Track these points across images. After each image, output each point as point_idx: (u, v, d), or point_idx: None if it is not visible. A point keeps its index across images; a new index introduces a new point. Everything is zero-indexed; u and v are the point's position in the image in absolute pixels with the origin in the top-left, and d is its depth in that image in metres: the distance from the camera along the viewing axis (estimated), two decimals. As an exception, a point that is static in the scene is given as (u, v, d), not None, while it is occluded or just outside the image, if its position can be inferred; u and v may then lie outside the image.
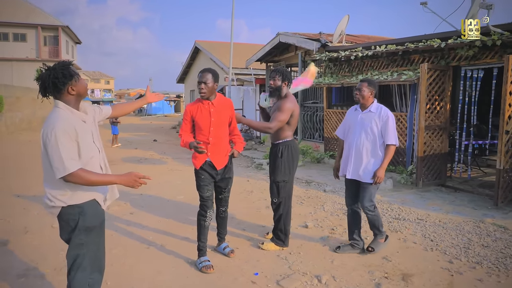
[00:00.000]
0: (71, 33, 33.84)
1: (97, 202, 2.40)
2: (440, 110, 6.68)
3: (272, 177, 4.01)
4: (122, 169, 8.75)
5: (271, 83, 4.01)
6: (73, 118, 2.23)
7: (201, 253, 3.63)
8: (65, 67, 2.27)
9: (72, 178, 2.14)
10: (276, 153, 3.98)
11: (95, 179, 2.21)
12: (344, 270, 3.52)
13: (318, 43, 9.58)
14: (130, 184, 2.33)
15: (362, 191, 3.79)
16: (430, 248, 4.02)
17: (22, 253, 3.82)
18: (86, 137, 2.27)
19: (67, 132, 2.15)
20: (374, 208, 3.80)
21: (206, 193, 3.61)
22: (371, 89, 3.75)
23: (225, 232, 3.97)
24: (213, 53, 19.16)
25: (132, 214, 5.22)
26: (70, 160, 2.13)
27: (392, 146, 3.71)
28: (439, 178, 6.79)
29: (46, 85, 2.23)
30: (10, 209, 5.36)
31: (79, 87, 2.29)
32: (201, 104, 3.55)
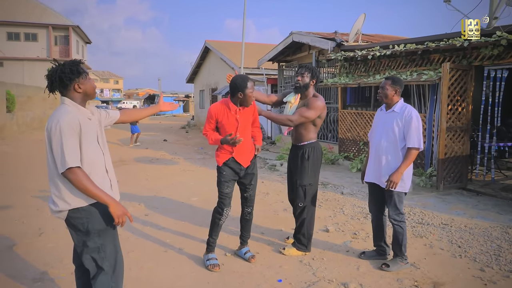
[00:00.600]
0: (81, 33, 34.04)
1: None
2: (462, 111, 6.49)
3: (299, 181, 3.82)
4: (134, 169, 8.69)
5: (299, 79, 3.80)
6: (79, 113, 2.19)
7: (210, 248, 3.59)
8: (74, 64, 2.24)
9: (71, 174, 2.06)
10: (302, 156, 3.82)
11: (89, 187, 2.09)
12: (371, 277, 3.37)
13: (333, 42, 9.41)
14: (116, 214, 2.18)
15: (386, 198, 3.57)
16: (459, 255, 3.85)
17: (38, 256, 3.73)
18: (89, 135, 2.21)
19: (71, 126, 2.10)
20: (401, 217, 3.51)
21: (226, 190, 3.53)
22: (395, 87, 3.50)
23: (248, 235, 3.84)
24: (224, 52, 19.05)
25: (147, 215, 5.11)
26: (71, 154, 2.07)
27: (414, 150, 3.37)
28: (460, 181, 6.60)
29: (53, 79, 2.20)
30: (24, 209, 5.28)
31: (86, 86, 2.25)
32: (228, 111, 3.43)
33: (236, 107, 3.43)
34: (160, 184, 7.04)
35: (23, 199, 5.83)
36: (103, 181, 2.30)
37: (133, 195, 6.19)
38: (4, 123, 14.14)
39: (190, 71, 26.41)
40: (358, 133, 8.56)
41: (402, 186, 3.44)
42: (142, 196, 6.16)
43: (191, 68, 26.15)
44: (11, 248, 3.94)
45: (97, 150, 2.28)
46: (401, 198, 3.50)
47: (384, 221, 3.74)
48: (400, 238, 3.51)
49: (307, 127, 3.80)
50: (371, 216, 3.82)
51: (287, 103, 3.94)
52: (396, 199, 3.47)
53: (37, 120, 18.09)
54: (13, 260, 3.66)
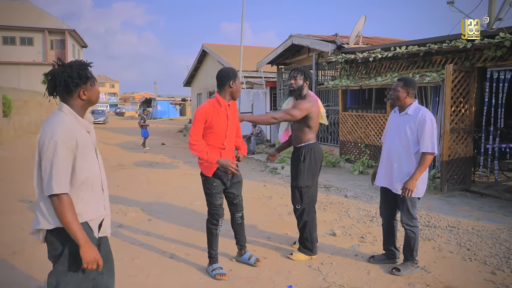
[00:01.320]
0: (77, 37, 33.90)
1: (89, 227, 2.05)
2: (465, 113, 6.47)
3: (295, 183, 3.79)
4: (134, 174, 8.60)
5: (292, 82, 3.79)
6: (77, 127, 1.97)
7: (213, 260, 3.46)
8: (83, 67, 2.02)
9: (55, 200, 1.86)
10: (298, 157, 3.77)
11: (68, 219, 1.87)
12: (382, 282, 3.31)
13: (333, 44, 9.38)
14: (86, 259, 1.90)
15: (399, 202, 3.49)
16: (469, 258, 3.80)
17: (40, 264, 3.62)
18: (87, 150, 2.00)
19: (67, 144, 1.88)
20: (414, 222, 3.44)
21: (218, 201, 3.40)
22: (407, 89, 3.38)
23: (244, 239, 3.73)
24: (221, 56, 19.02)
25: (150, 221, 5.03)
26: (60, 179, 1.86)
27: (429, 155, 3.25)
28: (463, 183, 6.57)
29: (57, 82, 1.97)
30: (24, 216, 5.19)
31: (92, 93, 2.05)
32: (218, 107, 3.31)
33: (226, 102, 3.35)
34: (161, 189, 6.96)
35: (22, 205, 5.74)
36: (99, 200, 2.13)
37: (134, 200, 6.11)
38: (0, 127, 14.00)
39: (187, 74, 26.37)
40: (359, 136, 8.53)
41: (416, 192, 3.35)
42: (144, 201, 6.07)
43: (188, 71, 26.11)
44: (12, 255, 3.86)
45: (94, 164, 2.09)
46: (414, 203, 3.43)
47: (395, 225, 3.68)
48: (412, 243, 3.45)
49: (301, 129, 3.77)
50: (382, 220, 3.76)
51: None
52: (409, 204, 3.40)
53: (34, 124, 17.94)
54: (14, 268, 3.57)
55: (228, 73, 3.33)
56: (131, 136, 19.29)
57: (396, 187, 3.42)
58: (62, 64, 2.01)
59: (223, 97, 3.35)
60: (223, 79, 3.33)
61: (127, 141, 16.50)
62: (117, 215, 5.20)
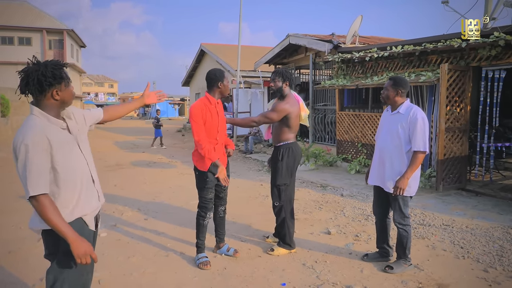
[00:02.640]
0: (75, 37, 33.88)
1: (84, 222, 2.08)
2: (460, 112, 6.50)
3: (273, 181, 3.94)
4: (132, 173, 8.62)
5: (272, 85, 3.98)
6: (49, 127, 1.95)
7: (199, 250, 3.66)
8: (58, 67, 1.98)
9: (34, 202, 1.87)
10: (277, 156, 3.90)
11: (52, 217, 1.87)
12: (375, 280, 3.34)
13: (330, 44, 9.41)
14: (77, 253, 1.91)
15: (391, 201, 3.52)
16: (462, 256, 3.84)
17: (37, 262, 3.66)
18: (64, 147, 1.98)
19: (38, 145, 1.87)
20: (407, 221, 3.47)
21: (209, 195, 3.60)
22: (397, 88, 3.41)
23: (224, 232, 3.93)
24: (220, 55, 19.05)
25: (147, 220, 5.06)
26: (35, 181, 1.85)
27: (421, 154, 3.28)
28: (459, 182, 6.60)
29: (29, 80, 1.93)
30: (22, 215, 5.20)
31: (65, 94, 2.01)
32: (209, 104, 3.54)
33: (216, 100, 3.58)
34: (158, 188, 6.99)
35: (20, 205, 5.75)
36: (91, 193, 2.14)
37: (131, 199, 6.13)
38: (-2, 127, 14.01)
39: (186, 74, 26.40)
40: (356, 135, 8.56)
41: (408, 190, 3.38)
42: (141, 200, 6.10)
43: (187, 71, 26.14)
44: (10, 254, 3.88)
45: (79, 160, 2.07)
46: (406, 202, 3.45)
47: (388, 224, 3.71)
48: (404, 241, 3.48)
49: (281, 129, 3.90)
50: (375, 218, 3.79)
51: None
52: (401, 203, 3.43)
53: (32, 124, 17.95)
54: (12, 266, 3.60)
55: (215, 74, 3.55)
56: (130, 136, 19.32)
57: (388, 185, 3.45)
58: (37, 62, 1.98)
59: (212, 96, 3.58)
60: (212, 80, 3.55)
61: (125, 141, 16.51)
62: (114, 214, 5.22)
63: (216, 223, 3.88)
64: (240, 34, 12.58)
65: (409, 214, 3.56)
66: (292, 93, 3.99)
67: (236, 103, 12.91)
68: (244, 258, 3.81)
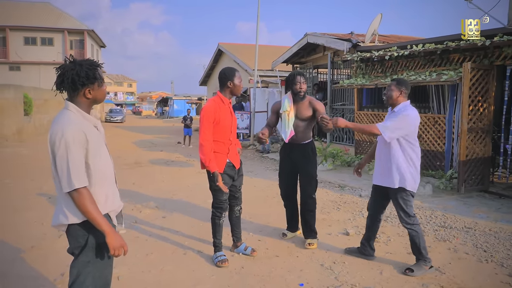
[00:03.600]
0: (96, 37, 34.48)
1: (109, 217, 2.13)
2: (483, 112, 6.34)
3: (312, 174, 4.08)
4: (150, 171, 8.71)
5: (301, 88, 3.98)
6: (85, 123, 2.01)
7: (217, 249, 3.68)
8: (92, 67, 2.03)
9: (76, 195, 1.91)
10: (311, 151, 4.11)
11: (91, 210, 1.93)
12: (395, 282, 3.28)
13: (349, 43, 9.32)
14: (113, 245, 1.99)
15: (393, 202, 3.55)
16: (485, 260, 3.73)
17: (57, 258, 3.72)
18: (97, 144, 2.04)
19: (77, 140, 1.93)
20: (413, 220, 3.44)
21: (224, 196, 3.61)
22: (400, 88, 3.46)
23: (240, 231, 3.93)
24: (237, 55, 19.10)
25: (165, 218, 5.10)
26: (78, 174, 1.91)
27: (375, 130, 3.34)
28: (481, 184, 6.44)
29: (64, 78, 2.00)
30: (43, 211, 5.31)
31: (97, 93, 2.07)
32: (222, 104, 3.54)
33: (228, 99, 3.59)
34: (176, 186, 7.04)
35: (42, 201, 5.88)
36: (115, 192, 2.19)
37: (149, 197, 6.20)
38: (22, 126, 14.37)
39: (203, 73, 26.57)
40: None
41: (402, 182, 3.40)
42: (159, 198, 6.15)
43: (204, 70, 26.31)
44: (32, 249, 3.96)
45: (106, 158, 2.14)
46: (407, 201, 3.44)
47: (376, 224, 3.75)
48: (417, 241, 3.44)
49: (309, 127, 4.11)
50: (368, 213, 3.82)
51: (283, 113, 4.05)
52: (402, 202, 3.44)
53: (54, 123, 18.37)
54: (34, 261, 3.67)
55: (225, 73, 3.56)
56: (148, 134, 19.55)
57: (384, 181, 3.53)
58: (73, 61, 2.03)
59: (224, 95, 3.57)
60: (222, 79, 3.56)
61: (143, 140, 16.72)
62: (132, 211, 5.28)
63: (232, 223, 3.87)
64: (257, 33, 12.58)
65: (415, 213, 3.52)
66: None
67: (253, 102, 12.92)
68: (262, 257, 3.80)
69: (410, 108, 3.45)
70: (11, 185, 7.03)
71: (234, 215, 3.84)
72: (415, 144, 3.46)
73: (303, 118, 4.00)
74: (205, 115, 3.45)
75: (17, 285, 3.21)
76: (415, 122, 3.43)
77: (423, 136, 7.26)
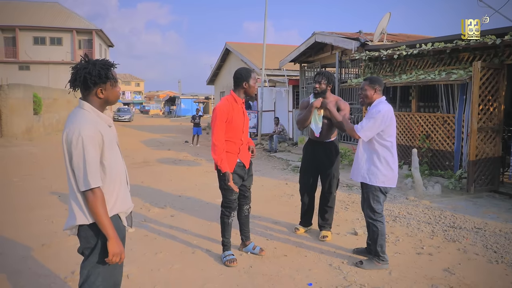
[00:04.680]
0: (104, 37, 34.70)
1: (119, 218, 2.14)
2: (494, 112, 6.28)
3: (335, 173, 4.24)
4: (158, 170, 8.75)
5: (317, 86, 4.12)
6: (100, 122, 2.02)
7: (226, 248, 3.69)
8: (105, 67, 2.03)
9: (91, 194, 1.92)
10: (334, 150, 4.24)
11: (100, 212, 1.94)
12: (404, 283, 3.27)
13: (357, 42, 9.27)
14: (113, 251, 1.98)
15: (362, 193, 3.65)
16: (495, 261, 3.70)
17: (68, 256, 3.77)
18: (111, 145, 2.06)
19: (94, 139, 1.94)
20: (376, 216, 3.48)
21: (233, 196, 3.62)
22: (374, 86, 3.51)
23: (249, 230, 3.93)
24: (244, 54, 19.10)
25: (173, 216, 5.12)
26: (94, 173, 1.93)
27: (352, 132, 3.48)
28: (491, 184, 6.38)
29: (77, 76, 2.01)
30: (53, 209, 5.38)
31: (110, 93, 2.07)
32: (235, 104, 3.55)
33: (241, 99, 3.59)
34: (184, 185, 7.07)
35: (51, 200, 5.94)
36: (126, 193, 2.19)
37: (158, 196, 6.23)
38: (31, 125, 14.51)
39: (211, 73, 26.60)
40: (383, 134, 8.39)
41: (372, 178, 3.45)
42: (167, 197, 6.19)
43: (212, 70, 26.34)
44: (43, 247, 4.01)
45: (119, 159, 2.15)
46: (375, 196, 3.49)
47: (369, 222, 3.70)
48: (375, 237, 3.50)
49: (333, 125, 4.13)
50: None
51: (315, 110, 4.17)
52: (370, 196, 3.50)
53: (62, 122, 18.52)
54: (44, 258, 3.71)
55: (241, 74, 3.56)
56: (156, 133, 19.64)
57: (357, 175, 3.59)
58: (87, 60, 2.04)
59: (238, 95, 3.58)
60: (237, 79, 3.57)
61: (151, 139, 16.80)
62: (141, 210, 5.32)
63: (241, 222, 3.89)
64: (265, 32, 12.58)
65: (382, 210, 3.55)
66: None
67: (261, 101, 12.92)
68: (270, 257, 3.80)
69: (382, 104, 3.48)
70: (21, 184, 7.11)
71: (243, 214, 3.86)
72: (388, 139, 3.45)
73: (328, 116, 4.09)
74: (219, 114, 3.45)
75: (29, 282, 3.25)
76: (387, 118, 3.40)
77: (432, 135, 7.22)
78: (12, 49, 30.68)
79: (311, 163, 4.31)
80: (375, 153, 3.46)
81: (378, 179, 3.45)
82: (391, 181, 3.49)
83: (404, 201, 5.82)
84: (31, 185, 7.02)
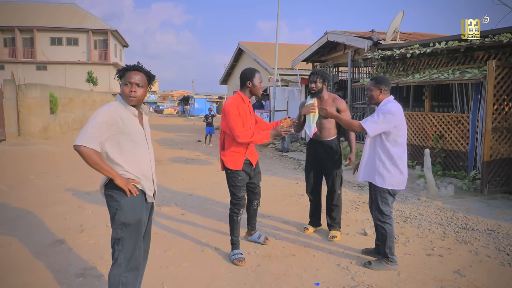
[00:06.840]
0: (119, 37, 35.15)
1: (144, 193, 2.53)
2: (509, 111, 6.16)
3: (336, 171, 4.25)
4: (170, 169, 8.83)
5: (313, 86, 4.15)
6: (124, 109, 2.43)
7: (235, 246, 3.72)
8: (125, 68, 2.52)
9: (82, 149, 2.27)
10: (337, 148, 4.27)
11: (98, 161, 2.30)
12: (413, 284, 3.24)
13: (369, 41, 9.19)
14: (122, 183, 2.38)
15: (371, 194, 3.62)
16: (508, 263, 3.63)
17: (80, 252, 3.85)
18: (132, 128, 2.43)
19: (108, 116, 2.33)
20: (384, 218, 3.45)
21: (241, 193, 3.70)
22: (379, 86, 3.47)
23: (255, 221, 4.10)
24: (257, 54, 19.11)
25: (183, 215, 5.17)
26: (88, 136, 2.27)
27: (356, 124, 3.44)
28: (506, 185, 6.26)
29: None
30: (67, 206, 5.48)
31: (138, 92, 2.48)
32: (242, 103, 3.60)
33: (248, 98, 3.66)
34: (195, 184, 7.12)
35: (66, 197, 6.05)
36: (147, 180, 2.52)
37: (169, 194, 6.29)
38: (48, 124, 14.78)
39: (224, 72, 26.70)
40: (396, 134, 8.30)
41: (381, 179, 3.41)
42: (178, 195, 6.24)
43: (225, 69, 26.43)
44: (55, 243, 4.09)
45: (144, 150, 2.51)
46: (384, 198, 3.45)
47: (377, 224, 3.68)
48: (384, 239, 3.47)
49: (334, 123, 4.21)
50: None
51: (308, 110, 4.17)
52: (378, 198, 3.46)
53: (78, 121, 18.81)
54: (56, 255, 3.79)
55: (245, 73, 3.63)
56: (169, 133, 19.80)
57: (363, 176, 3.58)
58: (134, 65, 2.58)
59: (244, 94, 3.65)
60: (242, 79, 3.65)
61: (164, 138, 16.93)
62: (152, 208, 5.38)
63: (249, 214, 4.04)
64: (277, 32, 12.56)
65: (391, 212, 3.52)
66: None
67: (273, 101, 12.91)
68: (278, 256, 3.81)
69: (391, 103, 3.43)
70: (37, 181, 7.26)
71: (252, 208, 4.00)
72: (397, 140, 3.40)
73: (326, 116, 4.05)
74: (231, 109, 3.52)
75: (41, 277, 3.32)
76: (396, 117, 3.34)
77: (445, 135, 7.12)
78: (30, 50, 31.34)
79: (313, 162, 4.37)
80: (383, 154, 3.42)
81: (386, 181, 3.41)
82: (401, 184, 3.45)
83: (415, 202, 5.76)
84: (47, 182, 7.16)
